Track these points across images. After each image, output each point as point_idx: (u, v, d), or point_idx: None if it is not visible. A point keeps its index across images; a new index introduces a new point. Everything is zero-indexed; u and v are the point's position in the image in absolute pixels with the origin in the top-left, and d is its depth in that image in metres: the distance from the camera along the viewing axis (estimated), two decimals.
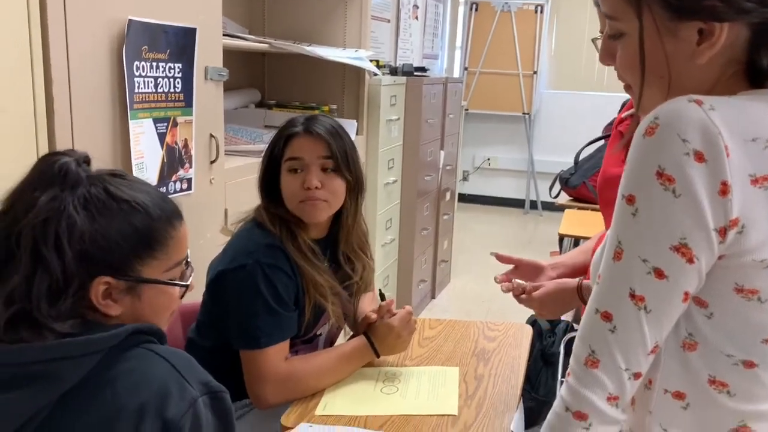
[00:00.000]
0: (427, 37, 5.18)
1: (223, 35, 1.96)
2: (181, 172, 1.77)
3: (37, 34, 1.31)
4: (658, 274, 0.72)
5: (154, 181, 1.66)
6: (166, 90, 1.68)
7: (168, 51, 1.66)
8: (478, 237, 5.38)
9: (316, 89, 2.89)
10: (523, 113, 6.14)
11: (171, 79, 1.69)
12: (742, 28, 0.73)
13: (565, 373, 0.80)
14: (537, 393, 2.52)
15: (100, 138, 1.50)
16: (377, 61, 3.04)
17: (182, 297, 0.95)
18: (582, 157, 3.31)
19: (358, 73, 2.86)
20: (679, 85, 0.77)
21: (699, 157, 0.68)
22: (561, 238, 2.84)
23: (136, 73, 1.56)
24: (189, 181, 1.81)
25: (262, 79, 2.98)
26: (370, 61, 2.83)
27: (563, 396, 0.79)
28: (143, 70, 1.59)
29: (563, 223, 2.91)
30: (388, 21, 4.19)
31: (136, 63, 1.56)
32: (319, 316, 1.47)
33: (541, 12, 5.97)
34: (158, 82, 1.65)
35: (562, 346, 2.35)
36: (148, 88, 1.62)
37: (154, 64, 1.62)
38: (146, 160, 1.62)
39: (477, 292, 4.02)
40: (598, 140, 3.17)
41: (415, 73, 3.49)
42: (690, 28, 0.74)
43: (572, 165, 3.32)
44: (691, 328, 0.77)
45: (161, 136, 1.68)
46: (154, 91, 1.64)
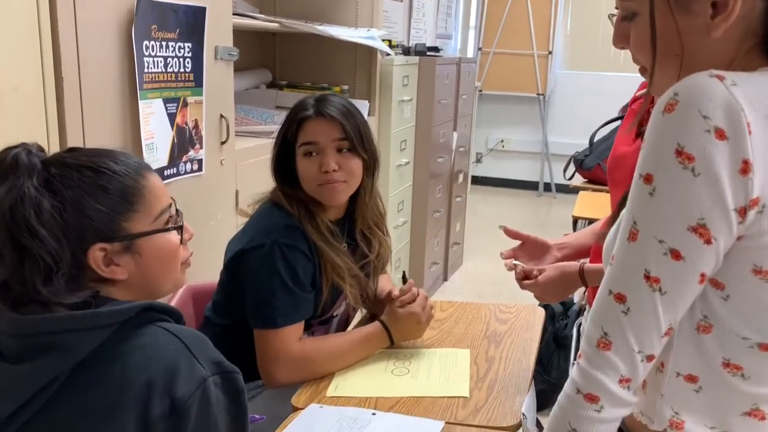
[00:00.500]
0: (441, 17, 5.12)
1: (234, 14, 1.95)
2: (192, 153, 1.77)
3: (46, 13, 1.30)
4: (675, 255, 0.70)
5: (165, 162, 1.65)
6: (176, 70, 1.67)
7: (177, 30, 1.65)
8: (490, 219, 5.35)
9: (328, 69, 2.86)
10: (538, 94, 6.07)
11: (181, 59, 1.68)
12: None
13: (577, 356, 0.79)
14: (549, 376, 2.52)
15: (110, 118, 1.50)
16: (390, 41, 3.00)
17: (182, 242, 0.95)
18: (597, 138, 3.26)
19: (370, 53, 2.83)
20: (694, 63, 0.74)
21: (720, 135, 0.66)
22: (575, 221, 2.82)
23: (146, 53, 1.55)
24: (199, 162, 1.80)
25: (273, 60, 2.96)
26: (383, 41, 2.80)
27: (574, 378, 0.78)
28: (153, 50, 1.58)
29: (577, 205, 2.88)
30: (401, 0, 4.14)
31: (146, 42, 1.55)
32: (336, 297, 1.47)
33: None
34: (168, 61, 1.64)
35: (575, 329, 2.33)
36: (158, 68, 1.60)
37: (164, 43, 1.61)
38: (156, 141, 1.61)
39: (489, 275, 4.00)
40: (613, 121, 3.11)
41: (428, 53, 3.45)
42: (703, 1, 0.72)
43: (587, 146, 3.28)
44: (706, 310, 0.75)
45: (171, 117, 1.67)
46: (164, 70, 1.63)
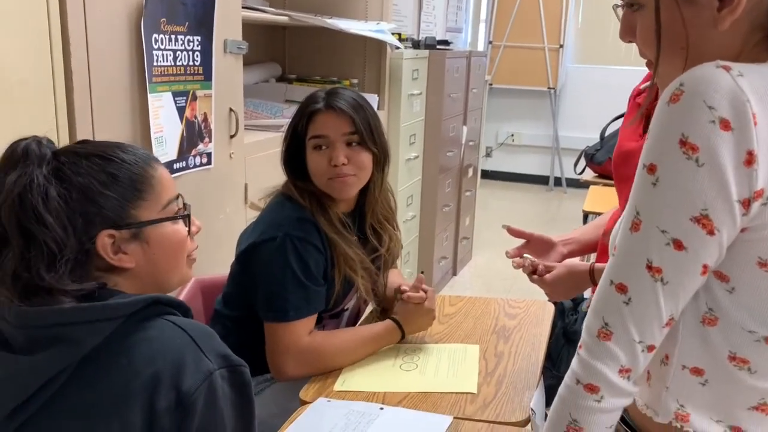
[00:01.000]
0: (451, 10, 5.09)
1: (243, 7, 1.94)
2: (201, 147, 1.77)
3: (56, 6, 1.30)
4: (677, 245, 0.70)
5: (174, 155, 1.65)
6: (185, 63, 1.67)
7: (186, 23, 1.64)
8: (500, 214, 5.34)
9: (337, 63, 2.85)
10: (549, 88, 6.03)
11: (190, 52, 1.68)
12: None
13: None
14: (558, 371, 2.50)
15: (119, 111, 1.50)
16: (399, 35, 2.99)
17: (190, 234, 0.95)
18: (608, 132, 3.24)
19: (379, 47, 2.81)
20: (700, 56, 0.73)
21: (725, 125, 0.66)
22: (585, 216, 2.80)
23: (155, 46, 1.55)
24: (208, 155, 1.80)
25: (282, 53, 2.95)
26: (392, 35, 2.78)
27: (574, 368, 0.78)
28: (162, 43, 1.57)
29: (588, 200, 2.86)
30: None
31: (155, 36, 1.54)
32: (348, 290, 1.47)
33: None
34: (177, 55, 1.63)
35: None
36: (167, 62, 1.60)
37: (173, 36, 1.61)
38: (165, 134, 1.61)
39: (499, 270, 3.99)
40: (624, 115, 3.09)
41: (438, 47, 3.43)
42: None
43: (598, 141, 3.26)
44: (711, 302, 0.75)
45: (180, 110, 1.67)
46: (173, 64, 1.62)
